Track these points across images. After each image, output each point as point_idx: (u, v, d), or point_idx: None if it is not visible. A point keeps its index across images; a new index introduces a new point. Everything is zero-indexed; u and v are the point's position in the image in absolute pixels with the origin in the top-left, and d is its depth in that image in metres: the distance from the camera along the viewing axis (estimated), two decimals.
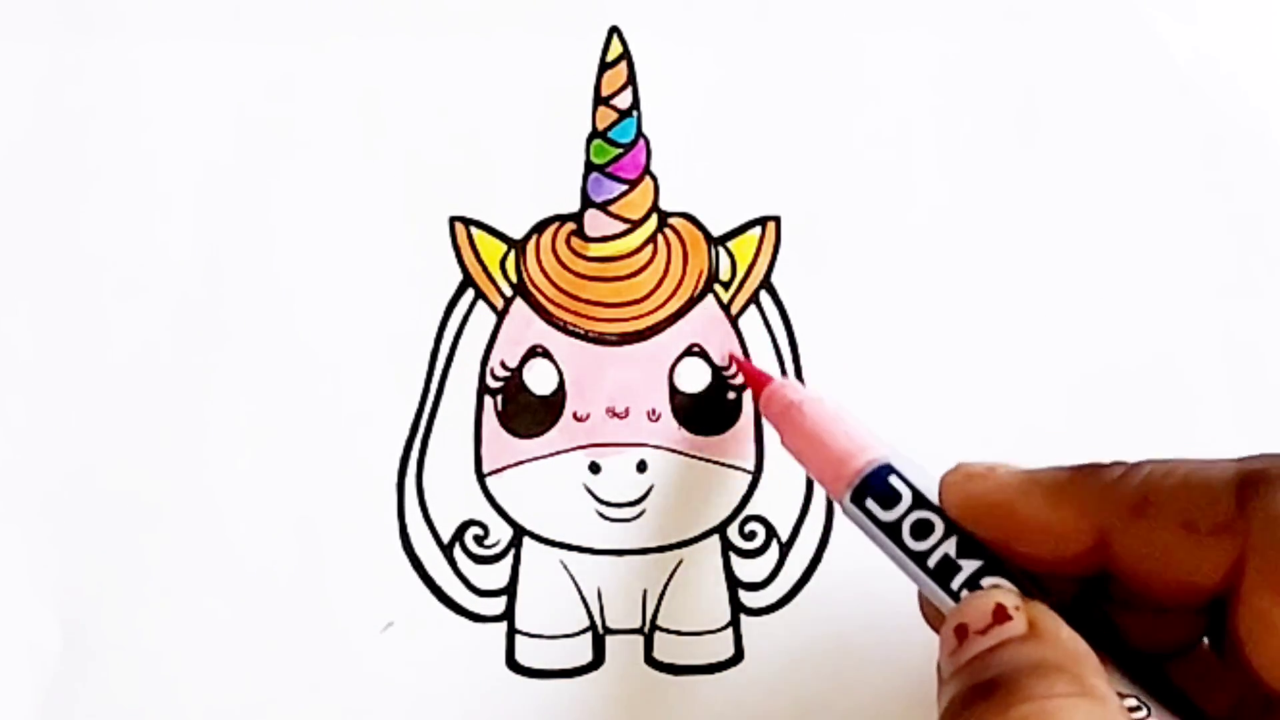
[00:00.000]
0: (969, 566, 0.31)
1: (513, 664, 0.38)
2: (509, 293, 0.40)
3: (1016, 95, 0.41)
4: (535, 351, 0.40)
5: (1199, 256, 0.41)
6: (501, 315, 0.40)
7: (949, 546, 0.31)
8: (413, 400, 0.39)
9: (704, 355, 0.40)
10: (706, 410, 0.39)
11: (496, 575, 0.39)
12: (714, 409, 0.39)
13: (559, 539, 0.39)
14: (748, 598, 0.39)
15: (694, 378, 0.39)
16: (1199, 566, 0.29)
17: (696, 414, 0.39)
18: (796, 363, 0.40)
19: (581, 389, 0.39)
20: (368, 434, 0.39)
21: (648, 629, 0.38)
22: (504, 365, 0.39)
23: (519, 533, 0.39)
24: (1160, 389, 0.40)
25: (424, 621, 0.38)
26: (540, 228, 0.40)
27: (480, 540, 0.39)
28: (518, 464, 0.39)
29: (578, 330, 0.40)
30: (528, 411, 0.39)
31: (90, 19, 0.41)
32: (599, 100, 0.41)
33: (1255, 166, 0.41)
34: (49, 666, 0.38)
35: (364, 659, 0.38)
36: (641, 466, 0.39)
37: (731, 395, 0.39)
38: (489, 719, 0.38)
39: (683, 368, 0.39)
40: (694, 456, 0.39)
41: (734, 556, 0.39)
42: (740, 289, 0.40)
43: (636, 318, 0.40)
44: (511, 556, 0.39)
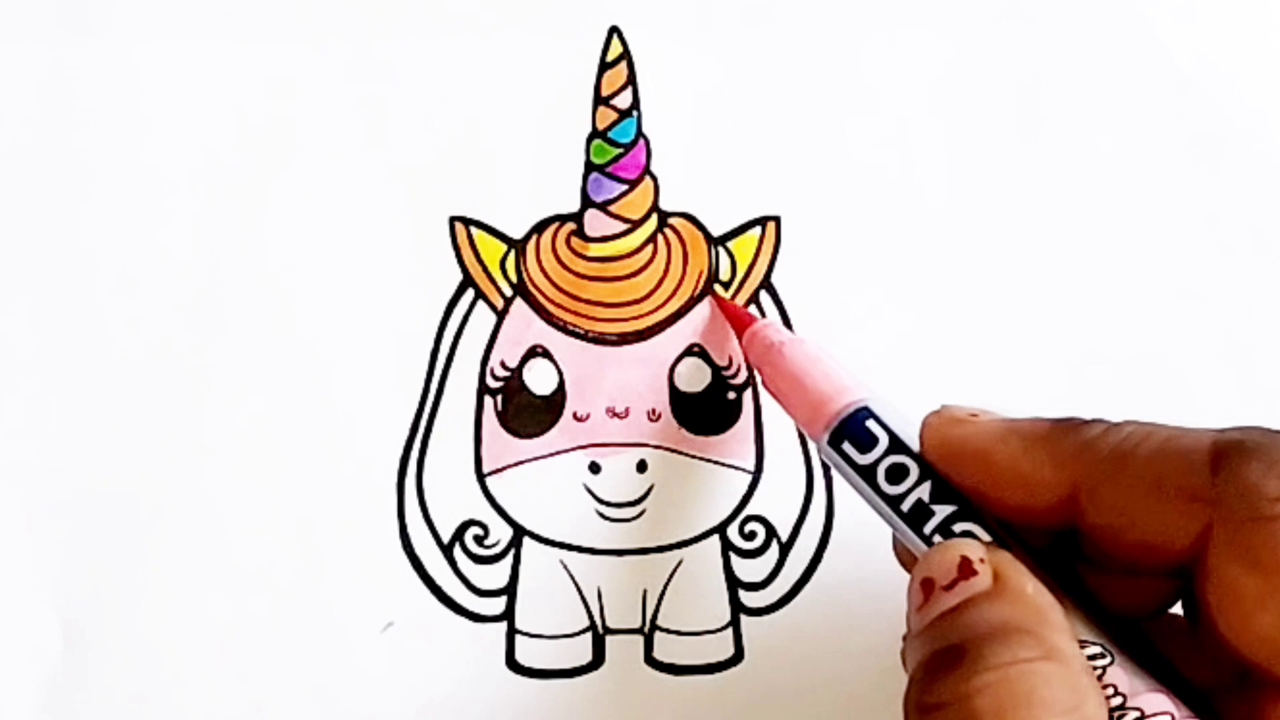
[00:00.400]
0: (942, 511, 0.31)
1: (513, 664, 0.38)
2: (509, 293, 0.40)
3: (1017, 95, 0.41)
4: (535, 351, 0.40)
5: (1199, 256, 0.41)
6: (501, 315, 0.40)
7: (923, 491, 0.31)
8: (413, 400, 0.39)
9: (704, 355, 0.40)
10: (706, 410, 0.39)
11: (496, 575, 0.39)
12: (714, 409, 0.39)
13: (559, 539, 0.39)
14: (748, 598, 0.39)
15: (694, 378, 0.39)
16: (1167, 531, 0.29)
17: (696, 414, 0.39)
18: None
19: (581, 389, 0.39)
20: (368, 434, 0.39)
21: (648, 629, 0.39)
22: (504, 365, 0.39)
23: (519, 533, 0.39)
24: (1160, 389, 0.40)
25: (424, 621, 0.38)
26: (540, 228, 0.40)
27: (480, 540, 0.39)
28: (518, 464, 0.39)
29: (578, 330, 0.40)
30: (528, 411, 0.39)
31: (90, 19, 0.41)
32: (599, 100, 0.41)
33: (1255, 166, 0.41)
34: (49, 666, 0.38)
35: (364, 659, 0.38)
36: (641, 466, 0.39)
37: (731, 395, 0.39)
38: (489, 719, 0.38)
39: (683, 368, 0.39)
40: (694, 456, 0.39)
41: (734, 556, 0.39)
42: (740, 289, 0.40)
43: (636, 318, 0.40)
44: (511, 556, 0.39)
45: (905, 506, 0.31)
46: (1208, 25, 0.42)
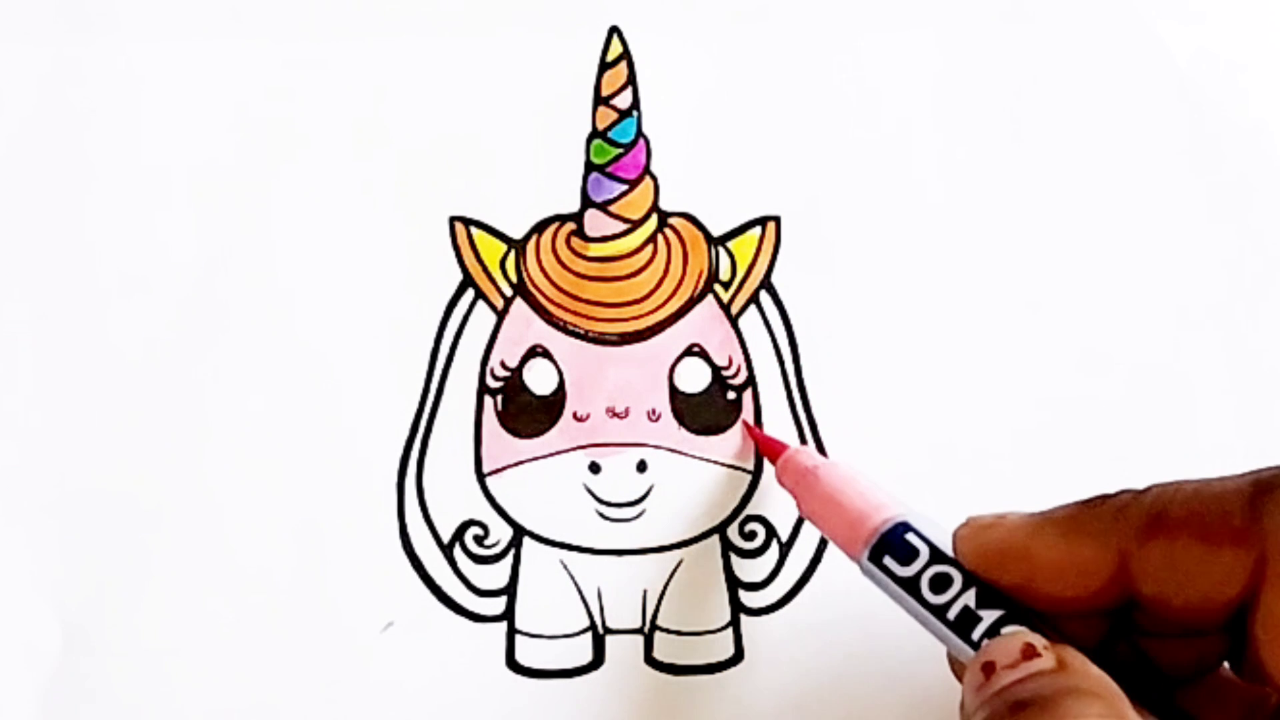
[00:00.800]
0: (989, 616, 0.31)
1: (513, 664, 0.38)
2: (509, 293, 0.40)
3: (1017, 95, 0.41)
4: (535, 351, 0.40)
5: (1199, 257, 0.41)
6: (501, 315, 0.40)
7: (968, 598, 0.31)
8: (413, 400, 0.39)
9: (704, 355, 0.40)
10: (706, 410, 0.39)
11: (496, 575, 0.39)
12: (714, 409, 0.39)
13: (559, 539, 0.39)
14: (748, 598, 0.39)
15: (694, 378, 0.39)
16: (1217, 578, 0.29)
17: (696, 414, 0.39)
18: (796, 363, 0.40)
19: (581, 389, 0.39)
20: (368, 434, 0.39)
21: (648, 629, 0.39)
22: (504, 365, 0.39)
23: (519, 533, 0.39)
24: (1161, 389, 0.40)
25: (424, 621, 0.38)
26: (540, 228, 0.40)
27: (480, 540, 0.39)
28: (518, 464, 0.39)
29: (578, 330, 0.40)
30: (528, 411, 0.39)
31: (90, 19, 0.41)
32: (599, 100, 0.41)
33: (1255, 166, 0.41)
34: (49, 666, 0.38)
35: (364, 659, 0.38)
36: (641, 466, 0.39)
37: (731, 395, 0.39)
38: (489, 719, 0.38)
39: (683, 368, 0.39)
40: (694, 456, 0.39)
41: (734, 556, 0.39)
42: (740, 289, 0.40)
43: (636, 318, 0.40)
44: (511, 556, 0.39)
45: (952, 614, 0.31)
46: (1208, 25, 0.42)
